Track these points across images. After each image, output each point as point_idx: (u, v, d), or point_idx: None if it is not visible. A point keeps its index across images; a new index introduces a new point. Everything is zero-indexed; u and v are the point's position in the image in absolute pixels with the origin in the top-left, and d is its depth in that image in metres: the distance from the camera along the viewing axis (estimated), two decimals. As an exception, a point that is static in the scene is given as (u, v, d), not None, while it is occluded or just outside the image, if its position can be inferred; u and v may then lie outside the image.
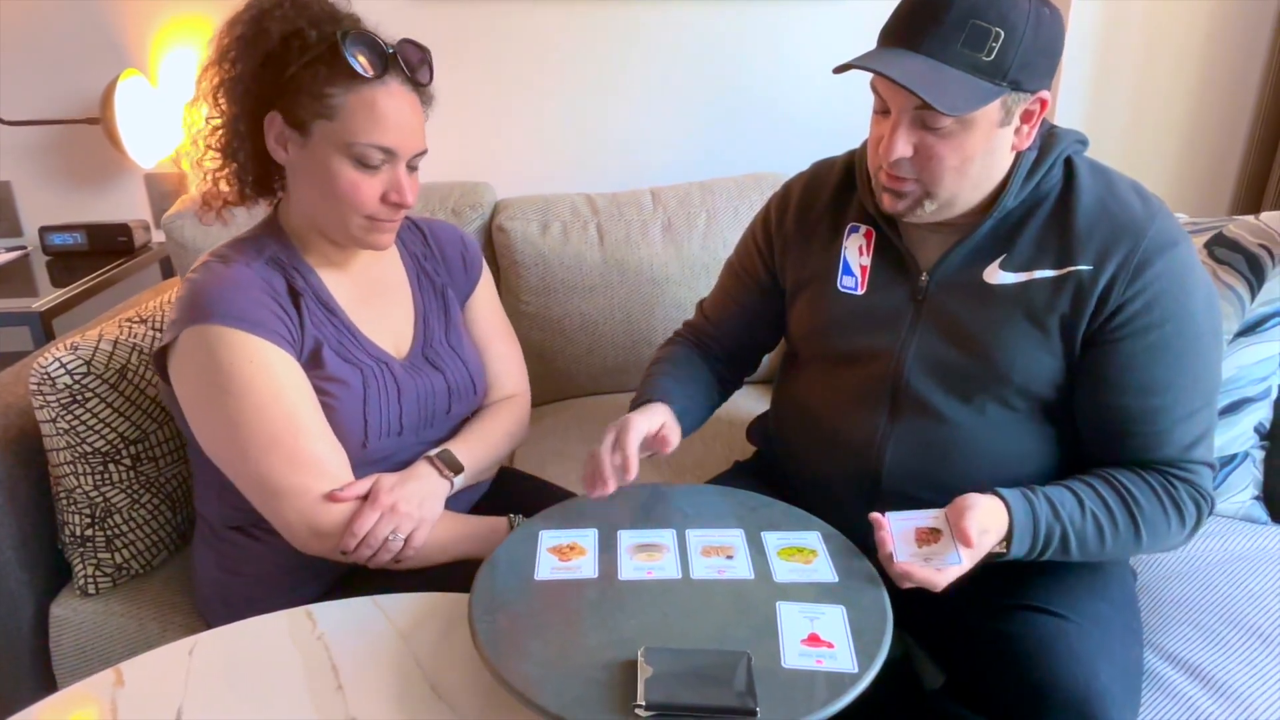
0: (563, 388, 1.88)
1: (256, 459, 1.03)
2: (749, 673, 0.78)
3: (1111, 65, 1.94)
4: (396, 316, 1.20)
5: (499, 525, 1.16)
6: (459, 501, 1.20)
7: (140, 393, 1.33)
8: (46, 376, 1.24)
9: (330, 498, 1.04)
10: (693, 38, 1.97)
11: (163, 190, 2.09)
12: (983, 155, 0.98)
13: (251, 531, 1.15)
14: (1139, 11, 1.89)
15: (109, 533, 1.33)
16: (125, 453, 1.32)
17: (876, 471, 1.09)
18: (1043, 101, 0.98)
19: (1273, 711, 1.02)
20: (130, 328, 1.36)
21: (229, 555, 1.18)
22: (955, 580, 0.91)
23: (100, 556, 1.34)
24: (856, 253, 1.13)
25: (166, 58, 1.96)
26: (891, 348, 1.08)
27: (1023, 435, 1.06)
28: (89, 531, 1.32)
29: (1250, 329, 1.32)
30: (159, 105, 1.94)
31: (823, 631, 0.84)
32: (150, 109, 1.92)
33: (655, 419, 1.08)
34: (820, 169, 1.22)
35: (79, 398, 1.26)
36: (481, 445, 1.22)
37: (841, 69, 0.96)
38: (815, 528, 1.01)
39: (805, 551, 0.96)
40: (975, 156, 0.98)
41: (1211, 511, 1.03)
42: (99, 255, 1.98)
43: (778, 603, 0.88)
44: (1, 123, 1.98)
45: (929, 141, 0.97)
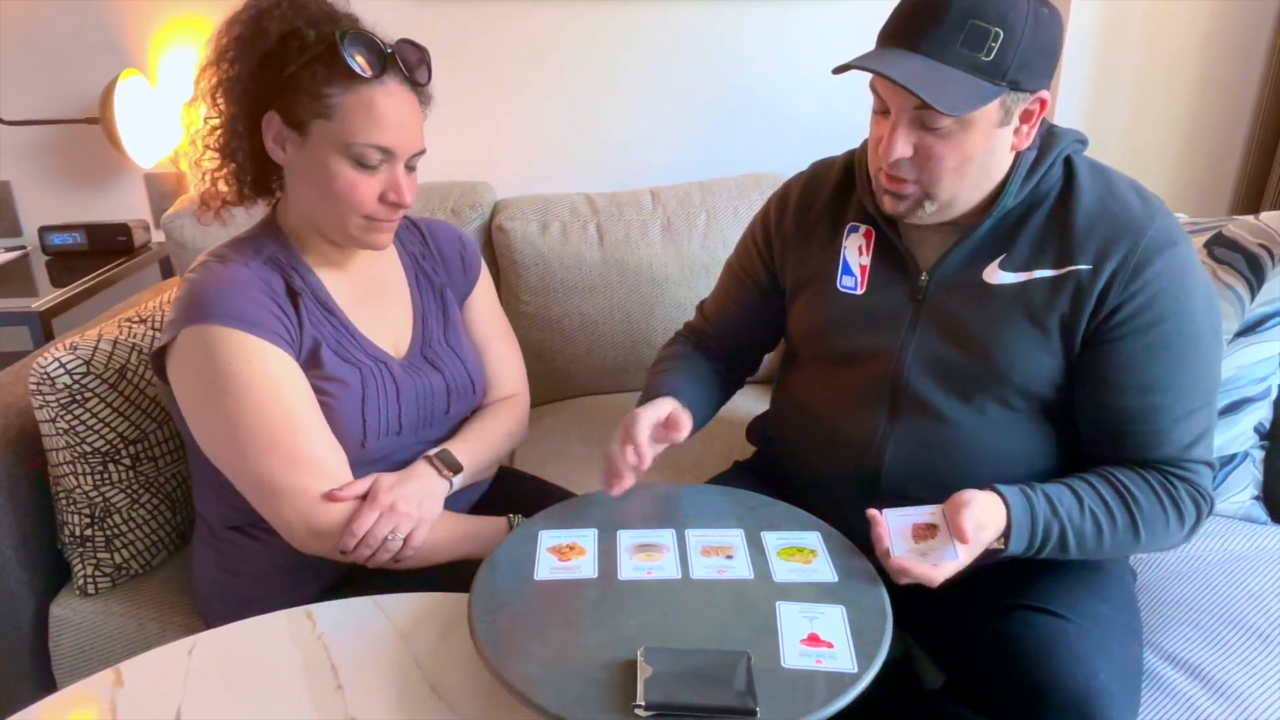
0: (562, 388, 1.88)
1: (255, 459, 1.03)
2: (749, 673, 0.78)
3: (1111, 65, 1.94)
4: (395, 316, 1.20)
5: (498, 525, 1.16)
6: (458, 501, 1.20)
7: (140, 393, 1.33)
8: (46, 376, 1.24)
9: (329, 497, 1.04)
10: (692, 38, 1.97)
11: (162, 190, 2.09)
12: (982, 155, 0.98)
13: (250, 531, 1.15)
14: (1139, 11, 1.89)
15: (108, 533, 1.33)
16: (125, 453, 1.32)
17: (876, 471, 1.09)
18: (1042, 101, 0.98)
19: (1273, 711, 1.02)
20: (130, 327, 1.36)
21: (228, 555, 1.18)
22: (955, 580, 0.91)
23: (100, 556, 1.34)
24: (856, 252, 1.13)
25: (166, 58, 1.96)
26: (891, 347, 1.08)
27: (1022, 435, 1.06)
28: (88, 531, 1.32)
29: (1250, 329, 1.32)
30: (158, 105, 1.94)
31: (822, 631, 0.84)
32: (150, 109, 1.92)
33: (662, 409, 1.09)
34: (819, 169, 1.22)
35: (78, 398, 1.26)
36: (480, 445, 1.22)
37: (841, 69, 0.96)
38: (815, 528, 1.01)
39: (805, 551, 0.96)
40: (975, 157, 0.98)
41: (1211, 511, 1.03)
42: (98, 255, 1.99)
43: (777, 603, 0.88)
44: (1, 122, 1.98)
45: (928, 142, 0.97)
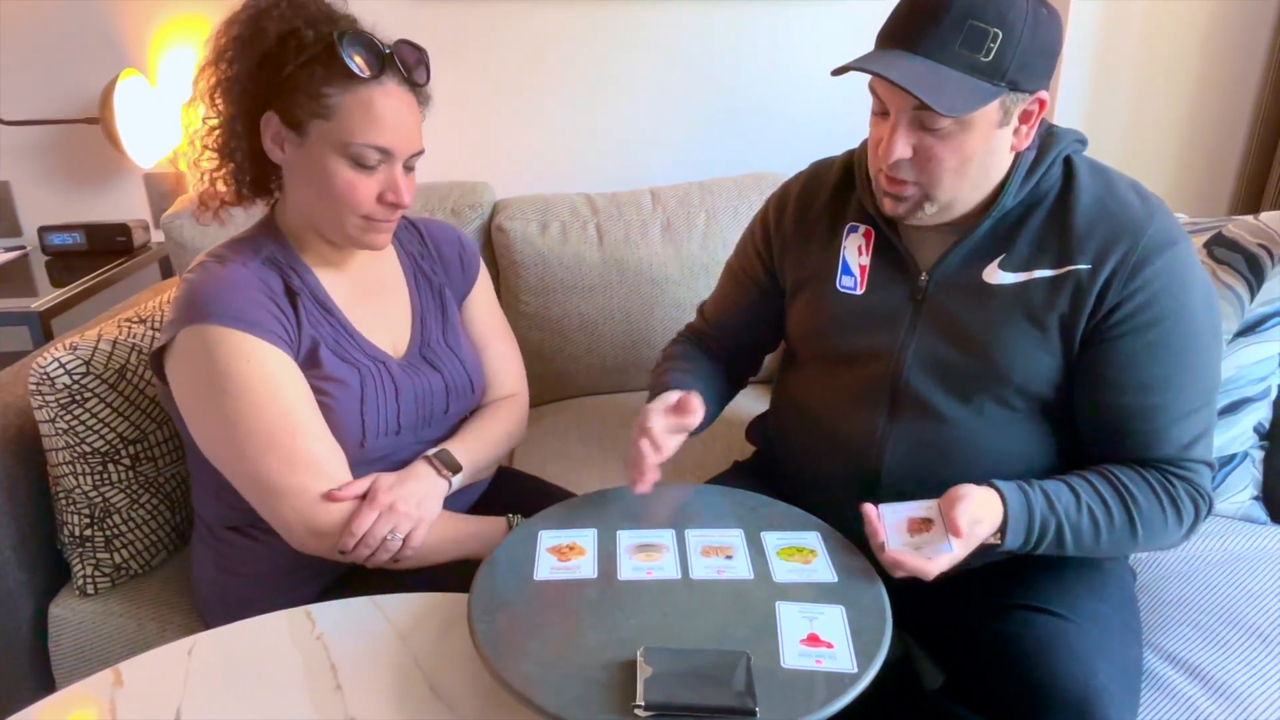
0: (562, 388, 1.88)
1: (254, 459, 1.03)
2: (748, 673, 0.78)
3: (1111, 65, 1.94)
4: (394, 316, 1.20)
5: (498, 525, 1.16)
6: (458, 501, 1.20)
7: (139, 393, 1.33)
8: (45, 376, 1.24)
9: (328, 497, 1.04)
10: (692, 38, 1.97)
11: (162, 190, 2.09)
12: (981, 156, 0.98)
13: (249, 531, 1.15)
14: (1138, 11, 1.89)
15: (108, 533, 1.33)
16: (124, 453, 1.32)
17: (876, 471, 1.09)
18: (1041, 102, 0.98)
19: (1272, 711, 1.02)
20: (129, 328, 1.36)
21: (227, 555, 1.18)
22: (955, 579, 0.91)
23: (99, 556, 1.34)
24: (855, 252, 1.13)
25: (166, 58, 1.96)
26: (891, 347, 1.08)
27: (1022, 435, 1.06)
28: (88, 531, 1.32)
29: (1250, 329, 1.32)
30: (158, 105, 1.94)
31: (822, 631, 0.84)
32: (149, 109, 1.92)
33: (670, 397, 1.08)
34: (818, 169, 1.22)
35: (78, 398, 1.26)
36: (480, 445, 1.22)
37: (840, 71, 0.96)
38: (815, 528, 1.01)
39: (805, 551, 0.96)
40: (974, 157, 0.98)
41: (1210, 511, 1.02)
42: (98, 255, 1.99)
43: (777, 603, 0.88)
44: (1, 122, 1.98)
45: (928, 143, 0.97)
